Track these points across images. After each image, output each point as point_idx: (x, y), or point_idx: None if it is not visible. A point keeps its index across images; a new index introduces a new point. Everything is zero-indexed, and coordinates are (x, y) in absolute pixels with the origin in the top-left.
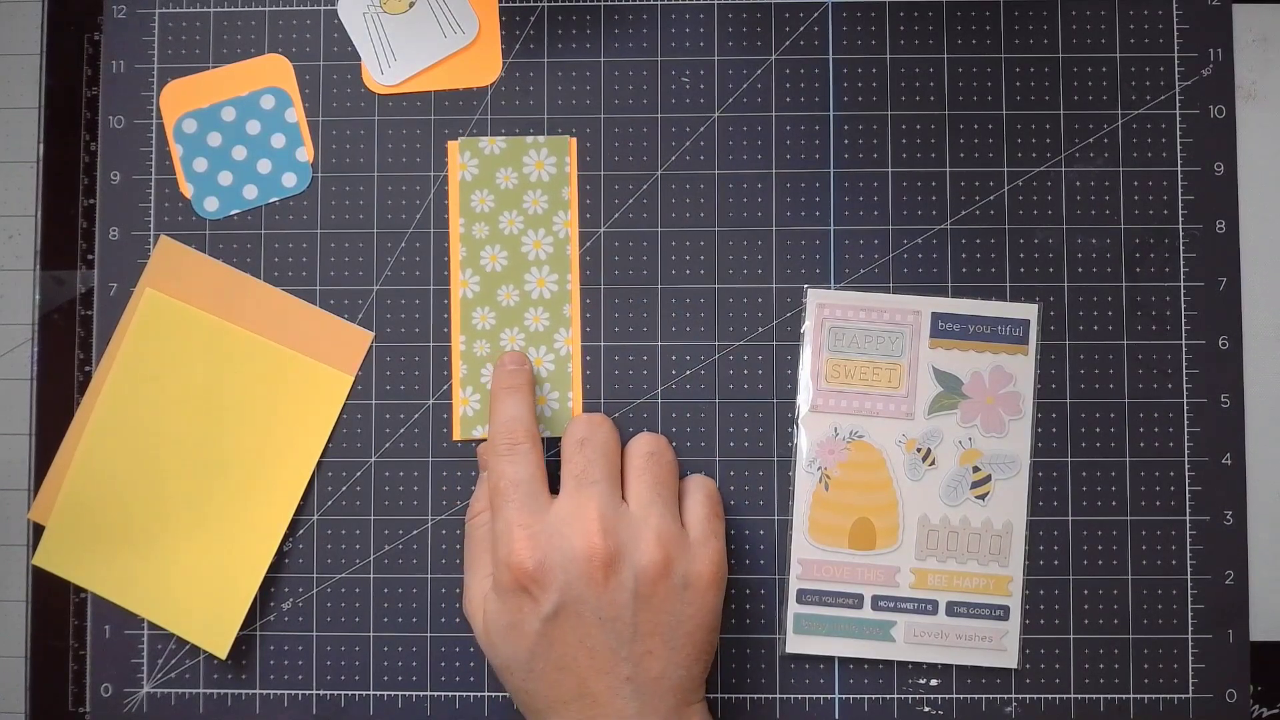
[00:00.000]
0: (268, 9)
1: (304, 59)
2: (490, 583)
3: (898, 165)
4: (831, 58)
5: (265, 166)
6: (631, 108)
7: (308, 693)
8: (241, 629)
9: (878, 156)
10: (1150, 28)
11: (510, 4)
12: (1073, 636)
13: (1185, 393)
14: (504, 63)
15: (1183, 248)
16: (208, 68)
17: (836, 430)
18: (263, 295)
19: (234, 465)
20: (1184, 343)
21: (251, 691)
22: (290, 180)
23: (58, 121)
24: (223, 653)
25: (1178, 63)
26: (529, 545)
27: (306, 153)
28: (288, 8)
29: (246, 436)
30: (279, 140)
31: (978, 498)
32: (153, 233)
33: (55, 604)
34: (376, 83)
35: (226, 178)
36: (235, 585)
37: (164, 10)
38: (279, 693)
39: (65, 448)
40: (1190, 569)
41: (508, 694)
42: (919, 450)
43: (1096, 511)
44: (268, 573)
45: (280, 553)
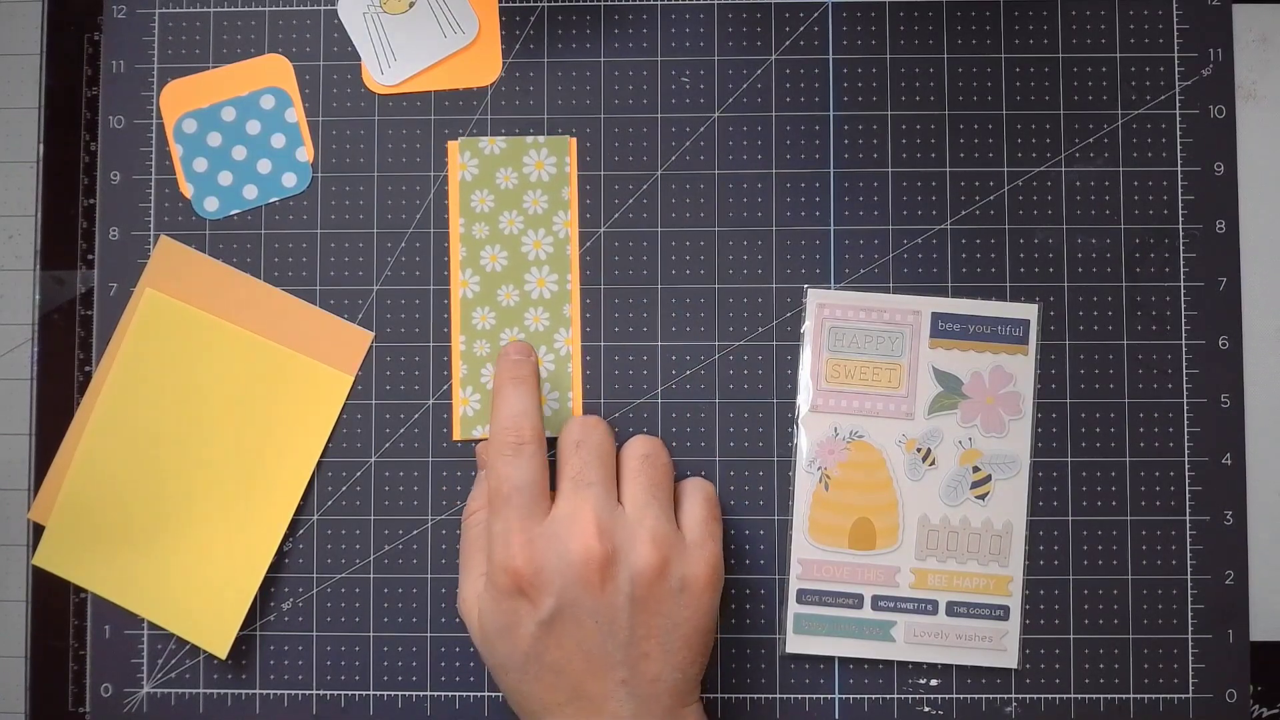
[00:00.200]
0: (268, 9)
1: (304, 59)
2: (485, 582)
3: (898, 165)
4: (831, 58)
5: (265, 166)
6: (631, 108)
7: (308, 693)
8: (241, 629)
9: (878, 156)
10: (1150, 28)
11: (510, 4)
12: (1073, 636)
13: (1185, 393)
14: (504, 63)
15: (1183, 248)
16: (208, 68)
17: (836, 430)
18: (263, 295)
19: (234, 465)
20: (1184, 343)
21: (251, 691)
22: (290, 180)
23: (58, 121)
24: (223, 653)
25: (1178, 63)
26: (526, 549)
27: (306, 153)
28: (288, 8)
29: (246, 436)
30: (279, 140)
31: (978, 498)
32: (153, 233)
33: (55, 604)
34: (376, 83)
35: (226, 178)
36: (235, 585)
37: (164, 10)
38: (279, 693)
39: (65, 448)
40: (1190, 569)
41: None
42: (919, 450)
43: (1096, 511)
44: (268, 573)
45: (280, 553)
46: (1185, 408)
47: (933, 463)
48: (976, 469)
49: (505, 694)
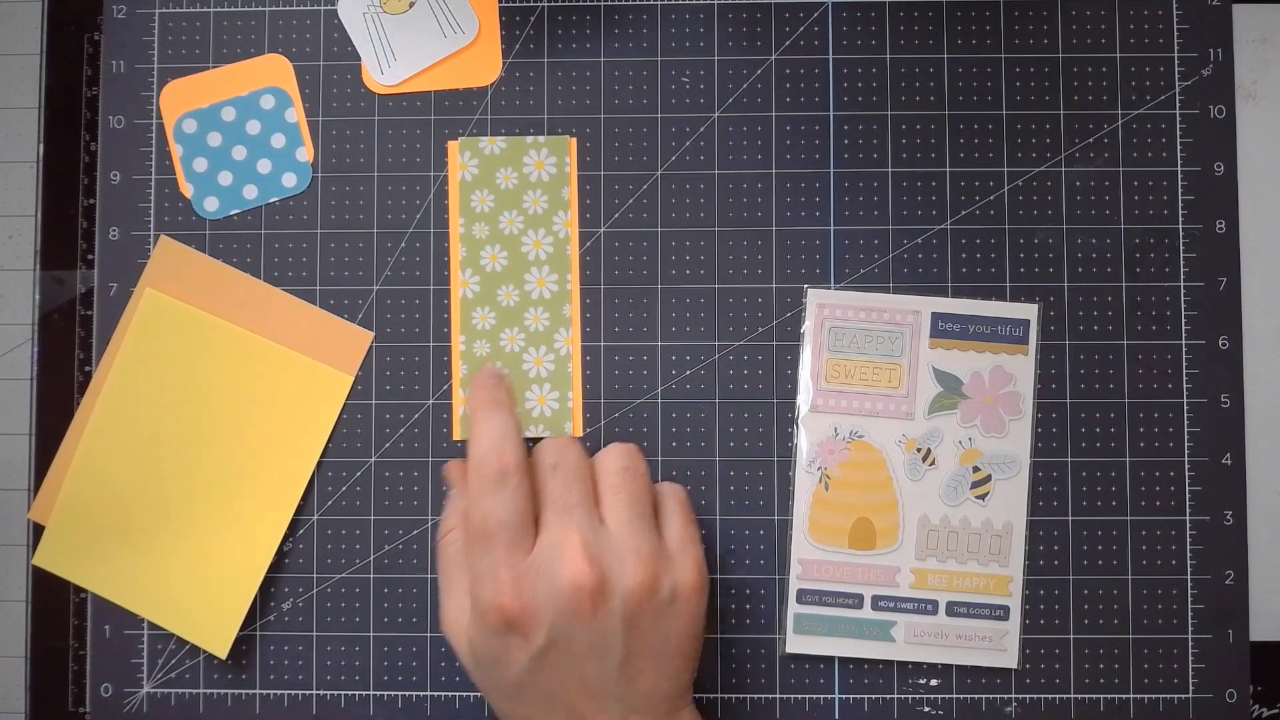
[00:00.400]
0: (268, 9)
1: (304, 59)
2: (469, 603)
3: (898, 165)
4: (831, 58)
5: (265, 166)
6: (631, 108)
7: (308, 693)
8: (241, 629)
9: (878, 156)
10: (1150, 28)
11: (510, 4)
12: (1073, 636)
13: (1185, 393)
14: (504, 63)
15: (1183, 248)
16: (208, 68)
17: (836, 430)
18: (263, 295)
19: (234, 465)
20: (1184, 343)
21: (251, 691)
22: (290, 180)
23: (58, 121)
24: (223, 653)
25: (1178, 63)
26: (514, 586)
27: (306, 153)
28: (288, 8)
29: (247, 436)
30: (279, 140)
31: (978, 498)
32: (153, 233)
33: (55, 604)
34: (376, 83)
35: (226, 178)
36: (235, 585)
37: (164, 10)
38: (279, 693)
39: (65, 448)
40: (1190, 569)
41: None
42: (919, 450)
43: (1096, 511)
44: (268, 573)
45: (280, 553)
46: (1185, 408)
47: (933, 463)
48: (976, 469)
49: (497, 714)
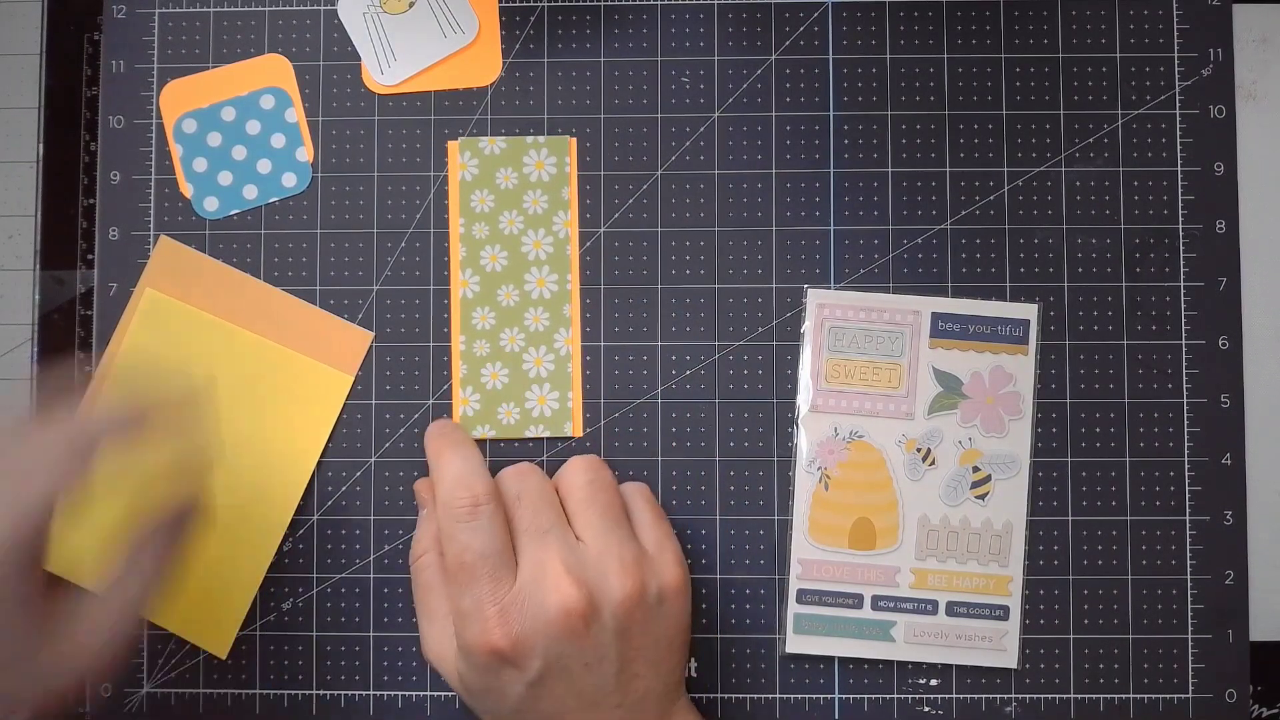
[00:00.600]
0: (268, 9)
1: (304, 59)
2: (452, 628)
3: (898, 165)
4: (831, 58)
5: (265, 166)
6: (631, 108)
7: (308, 693)
8: (241, 629)
9: (878, 156)
10: (1150, 28)
11: (510, 4)
12: (1073, 636)
13: (1185, 393)
14: (504, 63)
15: (1183, 248)
16: (208, 68)
17: (836, 430)
18: (263, 295)
19: (234, 465)
20: (1184, 343)
21: (251, 691)
22: (290, 180)
23: (58, 121)
24: (223, 653)
25: (1178, 63)
26: (502, 622)
27: (306, 153)
28: (288, 8)
29: (246, 436)
30: (279, 140)
31: (978, 498)
32: (153, 233)
33: None
34: (376, 83)
35: (226, 178)
36: (235, 585)
37: (164, 10)
38: (279, 693)
39: None
40: (1190, 569)
41: None
42: (919, 450)
43: (1096, 511)
44: (268, 573)
45: (280, 553)
46: (1185, 408)
47: (933, 463)
48: (976, 469)
49: None
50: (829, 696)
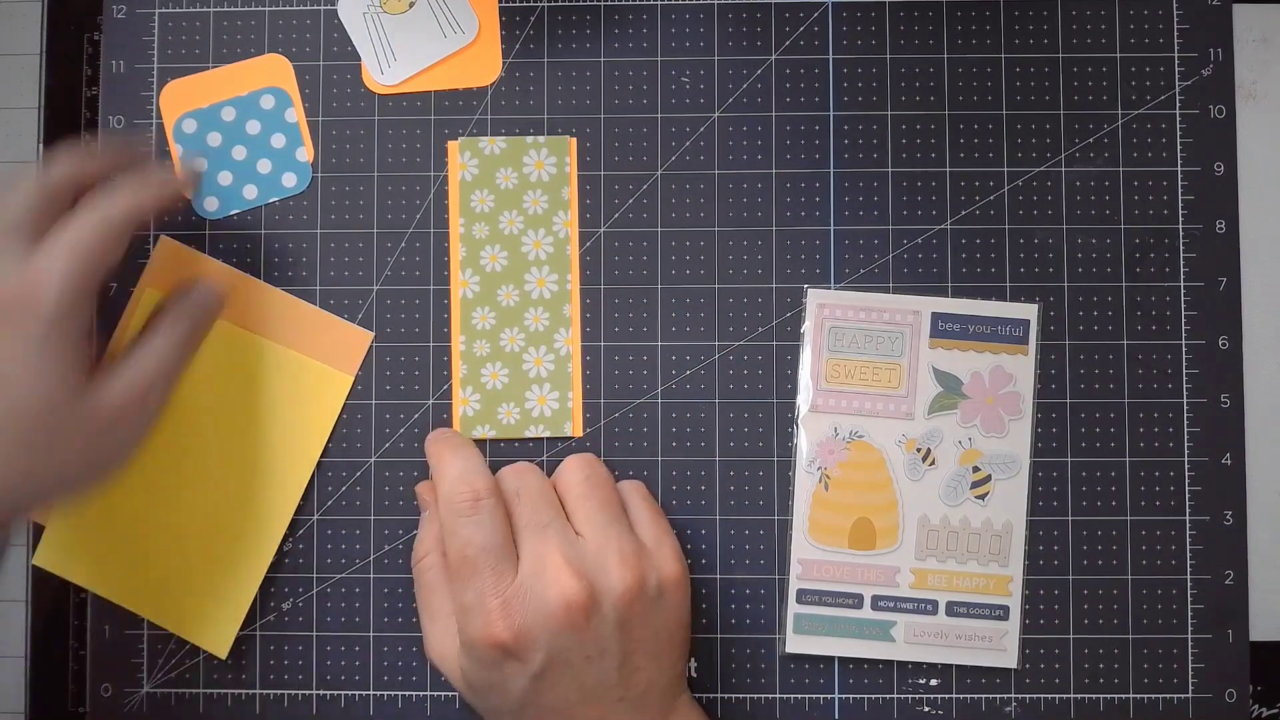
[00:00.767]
0: (268, 9)
1: (304, 59)
2: (455, 627)
3: (898, 165)
4: (831, 58)
5: (265, 166)
6: (631, 108)
7: (308, 693)
8: (241, 629)
9: (878, 156)
10: (1150, 28)
11: (510, 4)
12: (1073, 636)
13: (1185, 393)
14: (504, 63)
15: (1183, 248)
16: (208, 68)
17: (836, 430)
18: (263, 295)
19: (234, 465)
20: (1184, 343)
21: (251, 691)
22: (290, 180)
23: (58, 121)
24: (223, 653)
25: (1178, 63)
26: (504, 615)
27: (306, 153)
28: (288, 8)
29: (246, 436)
30: (279, 140)
31: (978, 498)
32: (153, 233)
33: (55, 604)
34: (376, 83)
35: (226, 178)
36: (235, 585)
37: (164, 10)
38: (279, 693)
39: None
40: (1190, 569)
41: None
42: (919, 450)
43: (1096, 511)
44: (268, 573)
45: (280, 553)
46: (1185, 408)
47: (933, 463)
48: (976, 469)
49: None
50: (829, 696)
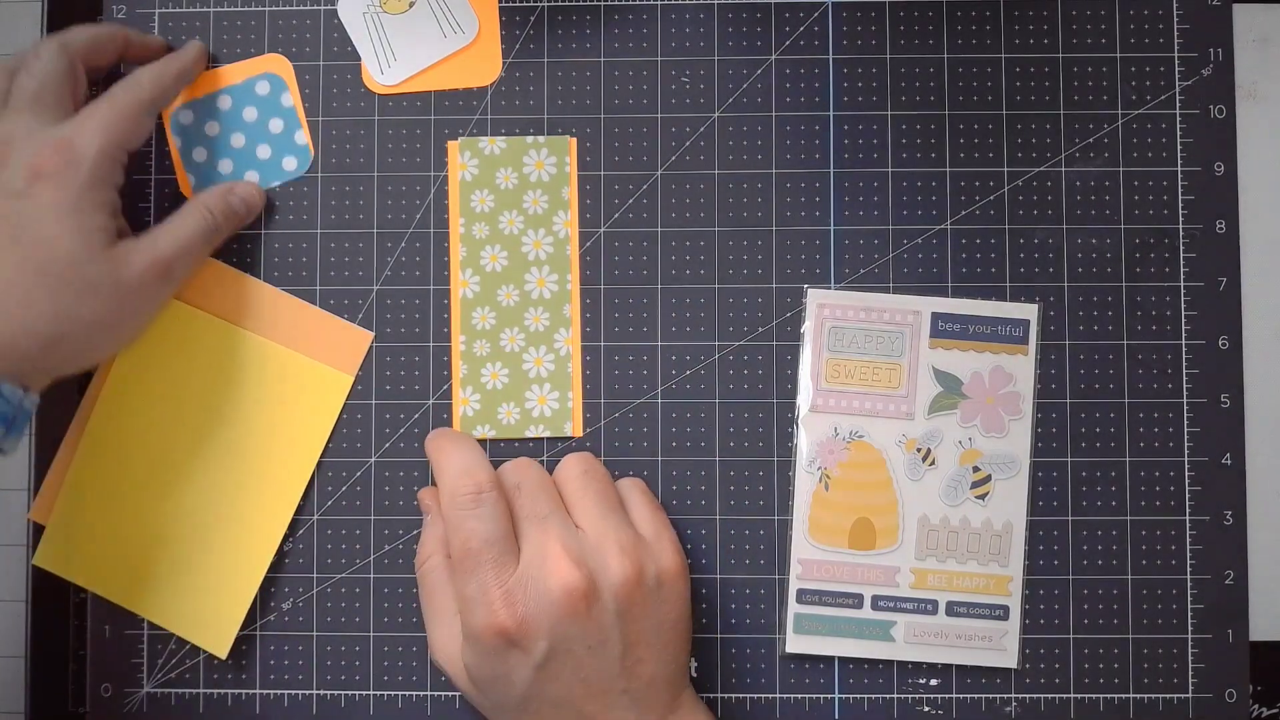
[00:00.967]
0: (268, 9)
1: (304, 59)
2: (459, 629)
3: (898, 165)
4: (831, 58)
5: (265, 152)
6: (631, 108)
7: (308, 693)
8: (241, 629)
9: (878, 156)
10: (1150, 28)
11: (510, 4)
12: (1073, 636)
13: (1185, 393)
14: (504, 63)
15: (1183, 248)
16: (208, 68)
17: (836, 430)
18: (263, 295)
19: (234, 465)
20: (1184, 343)
21: (251, 691)
22: (291, 164)
23: None
24: (223, 653)
25: (1178, 63)
26: (507, 603)
27: (305, 135)
28: (288, 8)
29: (246, 436)
30: (276, 125)
31: (978, 498)
32: None
33: (55, 604)
34: (376, 83)
35: (227, 165)
36: (235, 585)
37: (164, 10)
38: (279, 693)
39: (65, 448)
40: (1190, 569)
41: None
42: (919, 450)
43: (1096, 511)
44: (268, 573)
45: (280, 553)
46: (1185, 408)
47: (933, 463)
48: (976, 469)
49: None
50: (829, 696)
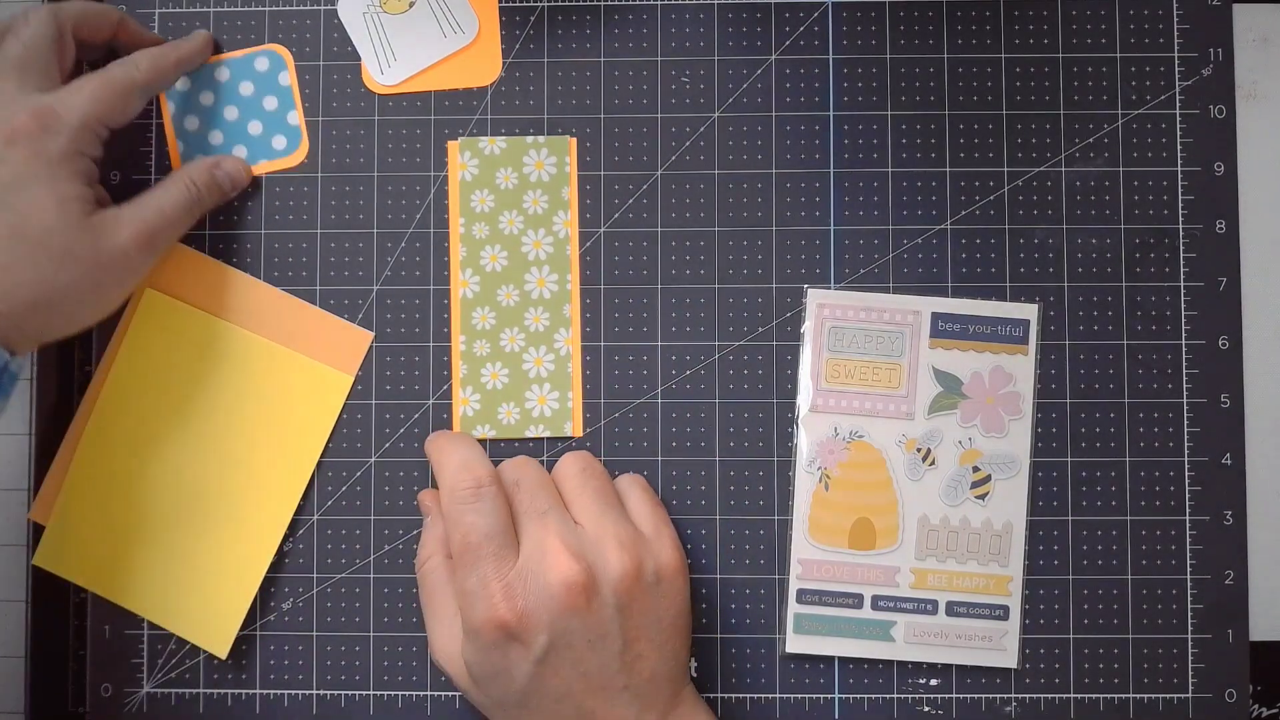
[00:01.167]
0: (267, 9)
1: (304, 59)
2: (460, 628)
3: (898, 165)
4: (831, 58)
5: (256, 128)
6: (631, 108)
7: (308, 693)
8: (241, 629)
9: (878, 156)
10: (1150, 28)
11: (510, 4)
12: (1072, 636)
13: (1185, 393)
14: (504, 63)
15: (1183, 248)
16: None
17: (836, 430)
18: (263, 295)
19: (234, 465)
20: (1184, 343)
21: (251, 691)
22: (280, 143)
23: None
24: (223, 653)
25: (1178, 63)
26: (507, 597)
27: (298, 116)
28: (287, 7)
29: (246, 436)
30: (271, 102)
31: (978, 498)
32: None
33: (55, 604)
34: (376, 83)
35: (217, 137)
36: (235, 585)
37: (164, 10)
38: (279, 693)
39: (65, 448)
40: (1190, 569)
41: None
42: (919, 450)
43: (1096, 511)
44: (268, 573)
45: (280, 553)
46: (1185, 408)
47: (933, 463)
48: (976, 469)
49: None
50: (829, 696)
